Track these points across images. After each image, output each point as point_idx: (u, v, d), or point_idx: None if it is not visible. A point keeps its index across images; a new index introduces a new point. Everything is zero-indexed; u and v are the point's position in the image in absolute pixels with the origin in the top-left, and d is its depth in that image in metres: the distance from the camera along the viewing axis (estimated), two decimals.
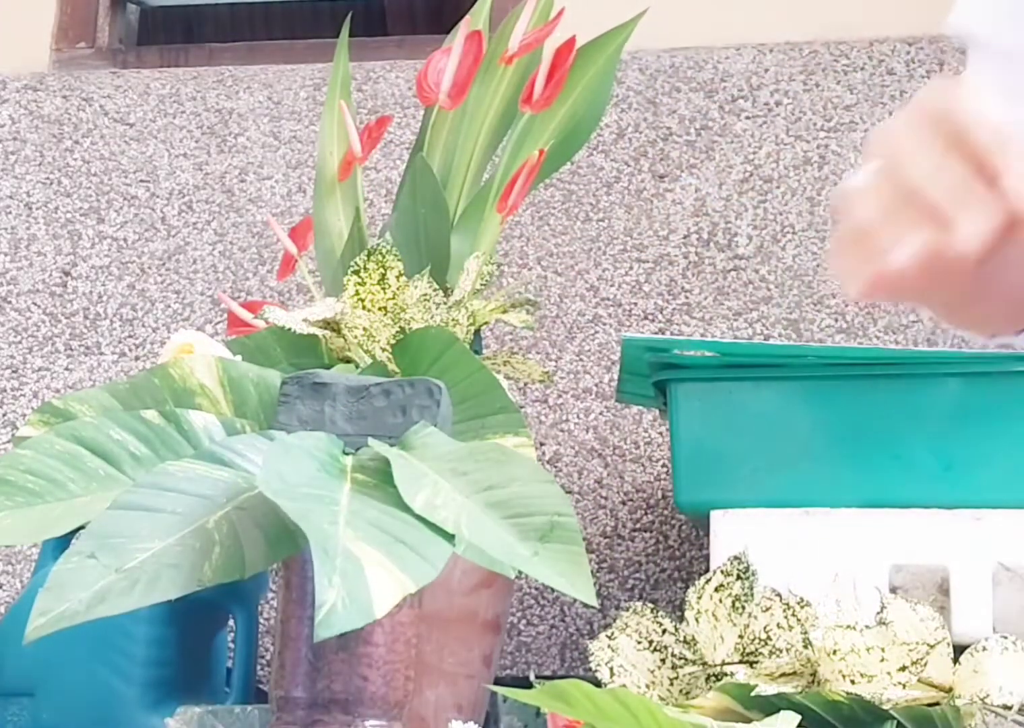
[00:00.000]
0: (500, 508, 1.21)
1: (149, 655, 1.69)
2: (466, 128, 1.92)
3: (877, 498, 1.71)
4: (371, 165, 2.39)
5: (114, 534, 1.17)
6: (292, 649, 1.31)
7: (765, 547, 1.69)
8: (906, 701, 1.39)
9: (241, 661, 1.74)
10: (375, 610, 1.11)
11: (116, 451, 1.30)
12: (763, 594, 1.57)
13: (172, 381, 1.39)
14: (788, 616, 1.54)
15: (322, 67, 2.47)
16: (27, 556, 2.26)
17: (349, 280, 1.74)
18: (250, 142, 2.47)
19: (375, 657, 1.31)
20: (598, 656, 1.54)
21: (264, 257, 2.39)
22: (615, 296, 2.29)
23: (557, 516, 1.21)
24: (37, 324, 2.40)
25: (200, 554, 1.17)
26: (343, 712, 1.30)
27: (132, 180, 2.47)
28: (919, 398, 1.70)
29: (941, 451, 1.70)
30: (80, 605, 1.11)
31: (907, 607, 1.49)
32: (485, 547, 1.17)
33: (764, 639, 1.53)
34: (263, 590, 1.86)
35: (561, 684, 1.15)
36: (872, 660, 1.44)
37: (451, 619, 1.69)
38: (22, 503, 1.24)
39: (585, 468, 2.21)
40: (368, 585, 1.11)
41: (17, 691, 1.71)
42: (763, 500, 1.76)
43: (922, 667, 1.42)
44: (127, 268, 2.41)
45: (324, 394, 1.33)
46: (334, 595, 1.09)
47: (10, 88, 2.56)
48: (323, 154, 1.93)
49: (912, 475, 1.70)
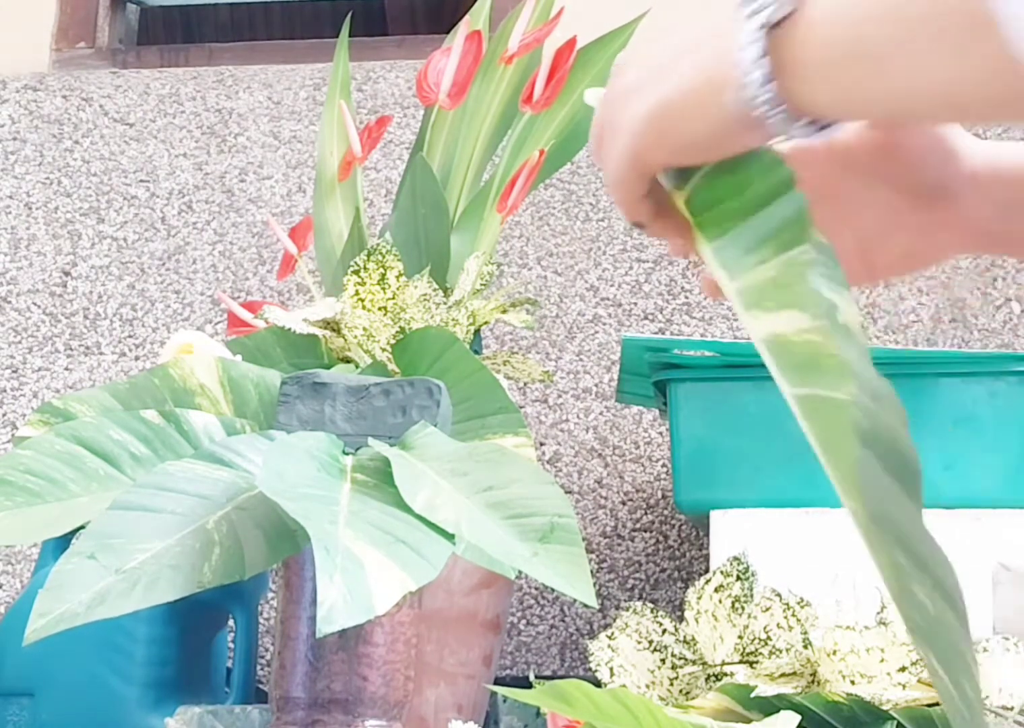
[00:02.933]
0: (500, 509, 1.21)
1: (149, 655, 1.69)
2: (466, 128, 1.92)
3: None
4: (371, 165, 2.39)
5: (114, 534, 1.17)
6: (292, 649, 1.31)
7: (765, 547, 1.70)
8: (906, 701, 1.39)
9: (241, 661, 1.74)
10: (376, 607, 1.11)
11: (116, 451, 1.30)
12: (763, 594, 1.57)
13: (172, 381, 1.39)
14: (788, 616, 1.54)
15: (322, 67, 2.47)
16: (27, 556, 2.26)
17: (349, 280, 1.74)
18: (250, 142, 2.47)
19: (375, 657, 1.31)
20: (598, 656, 1.54)
21: (264, 257, 2.39)
22: (615, 296, 2.29)
23: (557, 517, 1.21)
24: (37, 324, 2.40)
25: (200, 555, 1.17)
26: (343, 712, 1.30)
27: (132, 180, 2.47)
28: (919, 398, 1.70)
29: (941, 451, 1.70)
30: (80, 606, 1.11)
31: None
32: (485, 547, 1.17)
33: (764, 639, 1.53)
34: (263, 590, 1.86)
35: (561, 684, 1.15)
36: (872, 660, 1.44)
37: (451, 619, 1.69)
38: (22, 503, 1.24)
39: (585, 468, 2.21)
40: (369, 583, 1.11)
41: (17, 691, 1.71)
42: (763, 500, 1.76)
43: (922, 667, 1.42)
44: (127, 268, 2.41)
45: (324, 394, 1.33)
46: (335, 592, 1.09)
47: (10, 88, 2.56)
48: (323, 154, 1.93)
49: None
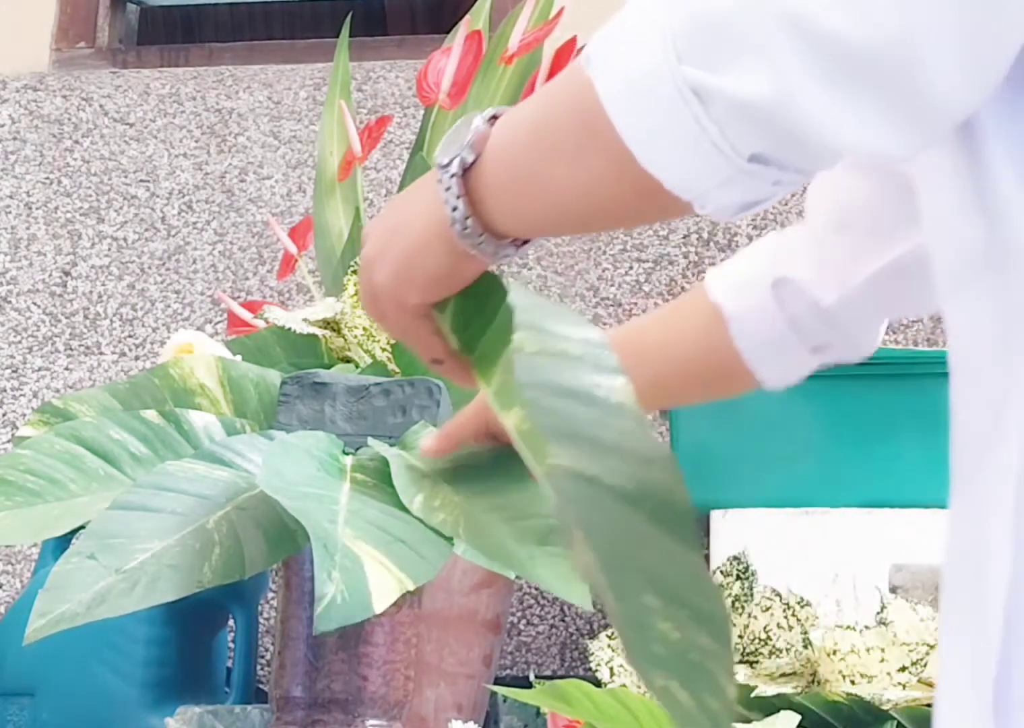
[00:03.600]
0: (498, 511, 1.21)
1: (149, 655, 1.69)
2: None
3: (877, 498, 1.71)
4: (371, 165, 2.39)
5: (114, 534, 1.17)
6: (292, 649, 1.31)
7: (765, 547, 1.70)
8: (906, 701, 1.39)
9: (241, 661, 1.74)
10: (374, 605, 1.11)
11: (116, 451, 1.30)
12: (763, 594, 1.57)
13: (172, 381, 1.39)
14: (788, 616, 1.54)
15: (322, 67, 2.47)
16: (27, 556, 2.26)
17: (349, 280, 1.74)
18: (250, 142, 2.47)
19: (375, 657, 1.31)
20: (598, 656, 1.54)
21: (264, 257, 2.39)
22: (615, 296, 2.29)
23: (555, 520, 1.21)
24: (37, 324, 2.40)
25: (200, 554, 1.17)
26: (343, 712, 1.30)
27: (132, 180, 2.47)
28: (919, 398, 1.70)
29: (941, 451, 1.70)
30: (80, 606, 1.11)
31: (907, 607, 1.49)
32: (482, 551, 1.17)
33: (764, 639, 1.54)
34: (263, 590, 1.86)
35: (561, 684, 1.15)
36: (872, 660, 1.44)
37: (451, 619, 1.69)
38: (22, 503, 1.24)
39: None
40: (367, 581, 1.11)
41: (17, 691, 1.71)
42: (763, 500, 1.76)
43: (922, 667, 1.42)
44: (127, 268, 2.41)
45: (324, 394, 1.33)
46: (333, 589, 1.09)
47: (10, 88, 2.56)
48: (323, 154, 1.93)
49: (912, 475, 1.70)
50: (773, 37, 0.63)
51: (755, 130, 0.65)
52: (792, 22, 0.63)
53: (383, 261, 0.84)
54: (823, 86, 0.63)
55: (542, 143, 0.75)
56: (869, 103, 0.63)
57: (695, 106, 0.65)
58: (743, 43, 0.64)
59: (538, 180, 0.75)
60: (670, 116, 0.66)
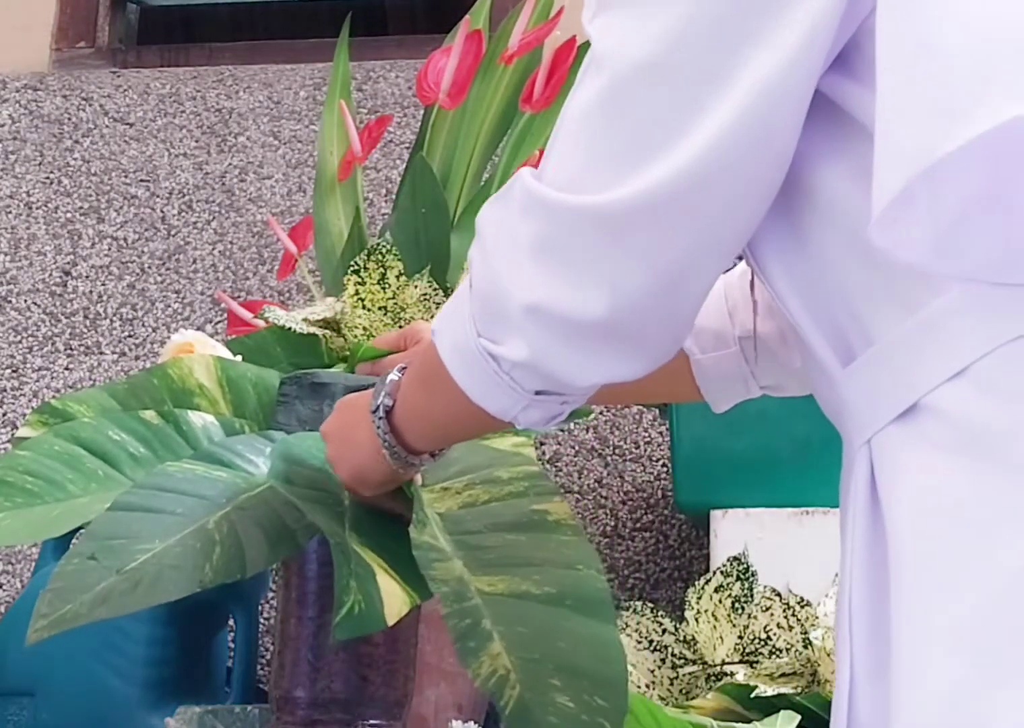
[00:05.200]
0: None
1: (149, 655, 1.69)
2: (466, 128, 1.92)
3: None
4: (371, 165, 2.39)
5: (115, 535, 1.17)
6: (292, 649, 1.31)
7: (765, 547, 1.70)
8: None
9: (241, 661, 1.74)
10: (387, 618, 1.11)
11: (115, 452, 1.30)
12: (763, 594, 1.57)
13: (171, 381, 1.39)
14: (788, 616, 1.54)
15: (322, 67, 2.47)
16: (27, 556, 2.26)
17: (349, 280, 1.74)
18: (250, 142, 2.47)
19: (375, 657, 1.31)
20: None
21: (264, 257, 2.39)
22: None
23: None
24: (37, 324, 2.40)
25: (201, 555, 1.17)
26: (343, 712, 1.30)
27: (132, 180, 2.47)
28: None
29: None
30: (81, 607, 1.11)
31: None
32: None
33: (764, 639, 1.54)
34: (263, 590, 1.86)
35: None
36: None
37: None
38: (22, 503, 1.24)
39: (585, 468, 2.21)
40: (380, 593, 1.12)
41: (17, 691, 1.71)
42: (763, 500, 1.76)
43: None
44: (127, 268, 2.41)
45: (323, 394, 1.33)
46: (352, 598, 1.10)
47: (10, 88, 2.56)
48: (323, 154, 1.93)
49: None
50: (522, 322, 0.90)
51: (531, 377, 0.93)
52: (532, 311, 0.90)
53: (342, 465, 1.14)
54: (564, 348, 0.90)
55: (424, 388, 1.05)
56: (600, 354, 0.91)
57: (492, 364, 0.94)
58: (508, 326, 0.92)
59: (428, 413, 1.06)
60: (481, 370, 0.94)
